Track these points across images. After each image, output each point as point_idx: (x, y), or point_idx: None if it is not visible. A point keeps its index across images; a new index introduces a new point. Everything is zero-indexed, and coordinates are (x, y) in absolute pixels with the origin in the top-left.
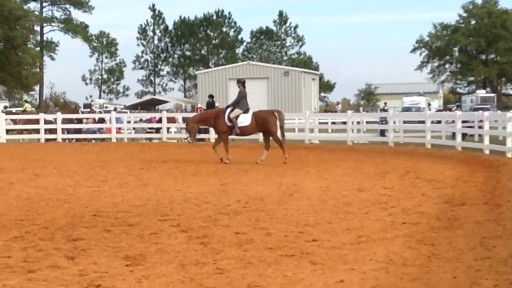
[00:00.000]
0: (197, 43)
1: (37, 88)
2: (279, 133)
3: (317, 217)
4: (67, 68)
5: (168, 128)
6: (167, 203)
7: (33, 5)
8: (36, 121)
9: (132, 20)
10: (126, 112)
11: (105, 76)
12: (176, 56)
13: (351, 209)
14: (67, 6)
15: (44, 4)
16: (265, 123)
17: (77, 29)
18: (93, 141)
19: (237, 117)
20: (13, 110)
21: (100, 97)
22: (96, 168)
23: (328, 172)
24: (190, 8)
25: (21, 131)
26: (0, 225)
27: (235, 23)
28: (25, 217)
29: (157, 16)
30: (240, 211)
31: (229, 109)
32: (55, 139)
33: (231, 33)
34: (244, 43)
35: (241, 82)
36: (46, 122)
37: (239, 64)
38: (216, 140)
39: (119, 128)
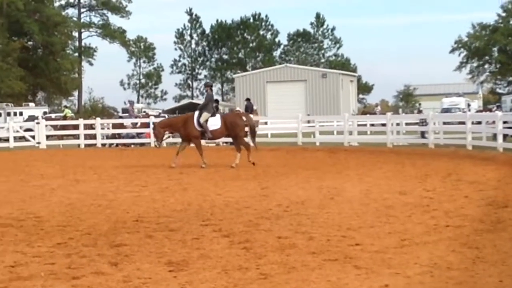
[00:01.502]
0: (234, 46)
1: (75, 93)
2: (249, 137)
3: (359, 221)
4: (105, 73)
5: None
6: (208, 207)
7: (71, 11)
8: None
9: (169, 25)
10: (164, 117)
11: (143, 80)
12: (213, 59)
13: (393, 212)
14: (105, 11)
15: (82, 10)
16: (234, 126)
17: (115, 34)
18: (132, 146)
19: (206, 121)
20: (53, 116)
21: (138, 102)
22: (136, 173)
23: (369, 175)
24: (227, 11)
25: (61, 137)
26: (43, 231)
27: (272, 26)
28: (68, 223)
29: (194, 20)
30: (282, 215)
31: (197, 113)
32: (94, 145)
33: (268, 36)
34: (282, 46)
35: (209, 86)
36: (86, 127)
37: (276, 67)
38: (180, 146)
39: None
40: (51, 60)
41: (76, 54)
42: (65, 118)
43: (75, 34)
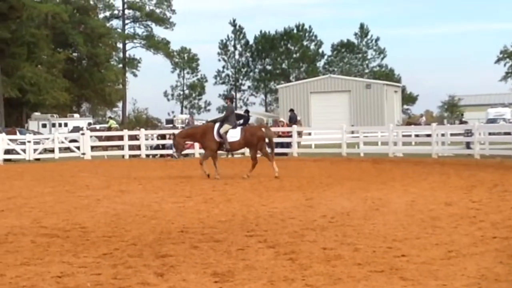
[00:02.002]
0: (278, 57)
1: (120, 104)
2: (268, 149)
3: (405, 232)
4: (149, 84)
5: None
6: (252, 218)
7: (115, 23)
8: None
9: (213, 36)
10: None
11: (186, 91)
12: (257, 70)
13: (439, 224)
14: (149, 23)
15: (126, 21)
16: (254, 138)
17: (159, 46)
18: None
19: (226, 132)
20: (97, 126)
21: (182, 113)
22: (181, 184)
23: (414, 186)
24: (270, 22)
25: (105, 148)
26: (89, 242)
27: (315, 36)
28: (113, 234)
29: (238, 31)
30: (327, 226)
31: (217, 125)
32: (139, 155)
33: (312, 46)
34: (325, 57)
35: (229, 98)
36: (130, 138)
37: (320, 78)
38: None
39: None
40: (95, 71)
41: (121, 65)
42: (109, 129)
43: (120, 45)
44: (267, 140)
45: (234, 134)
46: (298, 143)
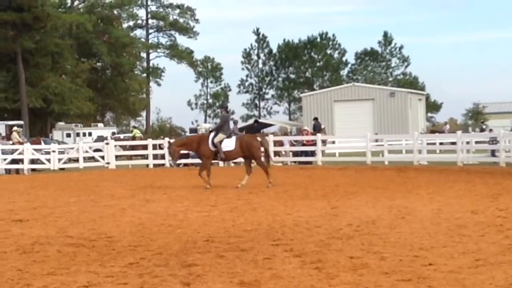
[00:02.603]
0: (301, 65)
1: (143, 113)
2: (263, 158)
3: (431, 240)
4: (172, 93)
5: (274, 152)
6: (278, 227)
7: (139, 32)
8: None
9: (236, 45)
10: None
11: (210, 100)
12: (280, 79)
13: (466, 232)
14: (173, 32)
15: (150, 31)
16: (249, 147)
17: (183, 55)
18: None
19: (221, 142)
20: (121, 136)
21: (205, 122)
22: (205, 193)
23: (440, 194)
24: (294, 31)
25: (130, 157)
26: (115, 251)
27: (339, 45)
28: (139, 243)
29: (261, 40)
30: (353, 235)
31: (212, 134)
32: (163, 165)
33: (336, 55)
34: (349, 65)
35: (224, 107)
36: (154, 147)
37: (344, 86)
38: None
39: None
40: (119, 81)
41: (144, 74)
42: (134, 138)
43: (143, 55)
44: (262, 149)
45: (228, 144)
46: (322, 151)
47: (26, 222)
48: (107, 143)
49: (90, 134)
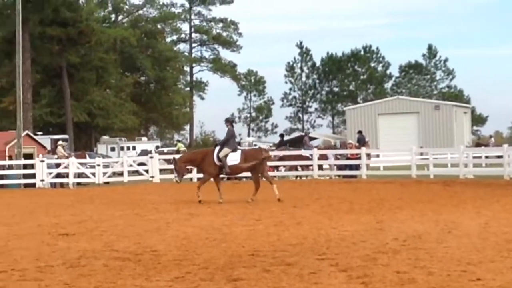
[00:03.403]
0: (345, 79)
1: (187, 127)
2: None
3: (479, 255)
4: (216, 107)
5: (319, 165)
6: (323, 241)
7: (182, 46)
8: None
9: (279, 58)
10: (273, 150)
11: (253, 114)
12: (324, 92)
13: None
14: (216, 46)
15: (194, 45)
16: (254, 161)
17: (226, 69)
18: (244, 179)
19: (226, 156)
20: (165, 150)
21: (249, 135)
22: (250, 207)
23: (486, 208)
24: (337, 44)
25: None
26: (161, 265)
27: (383, 58)
28: (184, 257)
29: (305, 53)
30: (399, 250)
31: (217, 149)
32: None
33: (380, 68)
34: (393, 78)
35: (230, 121)
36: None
37: (388, 99)
38: (216, 182)
39: (270, 166)
40: (163, 95)
41: (188, 88)
42: (178, 152)
43: (187, 68)
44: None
45: (234, 158)
46: (367, 165)
47: (72, 236)
48: (151, 157)
49: (134, 148)
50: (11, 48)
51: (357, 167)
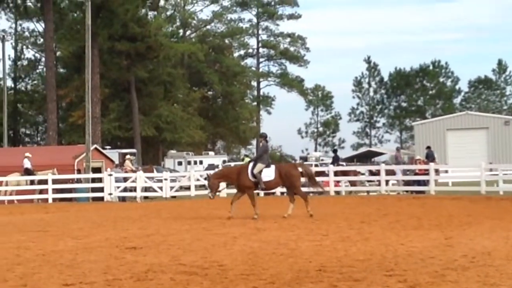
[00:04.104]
0: (413, 94)
1: (254, 142)
2: (311, 186)
3: None
4: (283, 121)
5: (387, 181)
6: (391, 257)
7: (250, 61)
8: None
9: (347, 73)
10: (342, 165)
11: (320, 129)
12: (391, 107)
13: None
14: (283, 61)
15: (261, 59)
16: (289, 177)
17: (293, 83)
18: (310, 194)
19: (260, 172)
20: (232, 164)
21: (316, 150)
22: (316, 222)
23: None
24: (405, 59)
25: None
26: (228, 280)
27: (452, 73)
28: (251, 272)
29: (373, 68)
30: (468, 267)
31: (251, 164)
32: (273, 193)
33: (448, 83)
34: (462, 93)
35: (263, 137)
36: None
37: (457, 115)
38: (235, 196)
39: (338, 181)
40: (230, 109)
41: (255, 103)
42: None
43: (254, 83)
44: (303, 178)
45: (268, 173)
46: (435, 181)
47: (139, 250)
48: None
49: (201, 162)
50: (80, 63)
51: (425, 183)
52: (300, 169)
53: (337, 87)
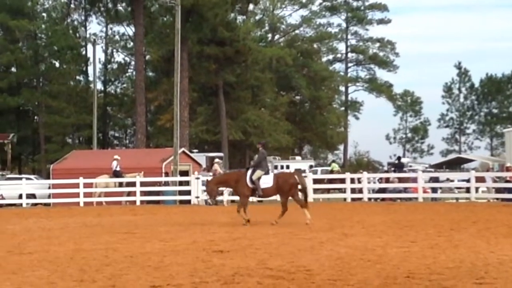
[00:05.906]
0: (504, 100)
1: (341, 147)
2: (300, 195)
3: None
4: (370, 127)
5: (476, 188)
6: (481, 265)
7: (338, 66)
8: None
9: (437, 78)
10: (431, 171)
11: (409, 135)
12: (482, 114)
13: None
14: (372, 66)
15: (349, 64)
16: (285, 185)
17: (382, 89)
18: (398, 200)
19: (259, 178)
20: (319, 169)
21: (404, 156)
22: (405, 228)
23: None
24: (497, 65)
25: (327, 190)
26: (315, 285)
27: None
28: (338, 277)
29: (463, 74)
30: None
31: (250, 171)
32: (360, 199)
33: None
34: None
35: (262, 144)
36: (352, 181)
37: None
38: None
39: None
40: (317, 114)
41: (343, 108)
42: (331, 172)
43: (342, 88)
44: (300, 187)
45: (267, 181)
46: None
47: (226, 253)
48: (305, 177)
49: (288, 167)
50: (169, 67)
51: None
52: (296, 178)
53: (426, 93)
